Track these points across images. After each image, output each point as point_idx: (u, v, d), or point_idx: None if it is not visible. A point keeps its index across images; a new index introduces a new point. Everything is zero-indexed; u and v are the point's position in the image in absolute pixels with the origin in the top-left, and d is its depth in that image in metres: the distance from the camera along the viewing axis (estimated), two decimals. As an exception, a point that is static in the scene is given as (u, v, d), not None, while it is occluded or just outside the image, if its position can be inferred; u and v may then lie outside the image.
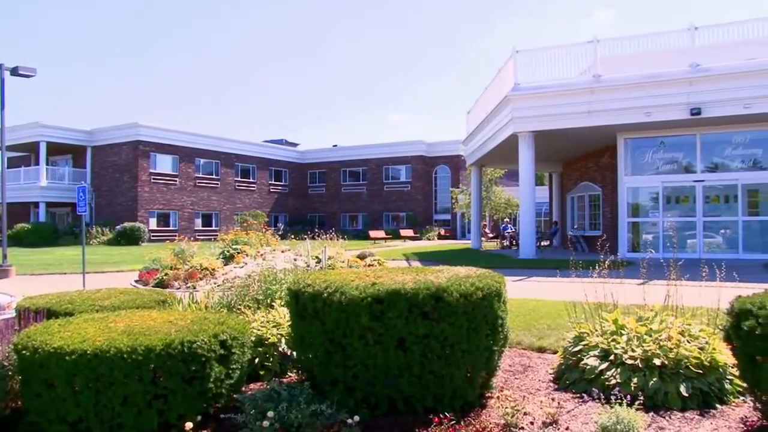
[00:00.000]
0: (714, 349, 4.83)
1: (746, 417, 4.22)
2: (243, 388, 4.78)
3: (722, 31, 19.12)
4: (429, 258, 22.33)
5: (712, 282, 5.55)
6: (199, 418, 4.10)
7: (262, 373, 5.36)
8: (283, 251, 14.03)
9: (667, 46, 19.56)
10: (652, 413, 4.32)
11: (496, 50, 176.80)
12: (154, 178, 44.19)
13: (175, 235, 28.35)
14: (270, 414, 3.92)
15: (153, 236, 41.79)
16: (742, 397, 4.58)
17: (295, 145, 65.23)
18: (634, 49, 20.14)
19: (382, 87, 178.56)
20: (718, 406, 4.49)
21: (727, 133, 19.66)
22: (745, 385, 4.25)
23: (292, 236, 32.01)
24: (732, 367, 4.63)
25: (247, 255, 15.53)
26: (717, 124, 19.14)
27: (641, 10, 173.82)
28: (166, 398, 3.95)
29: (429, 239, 47.32)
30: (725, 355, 4.70)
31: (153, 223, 44.06)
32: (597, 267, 6.01)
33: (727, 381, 4.68)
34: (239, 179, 52.19)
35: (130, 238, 39.21)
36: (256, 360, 5.33)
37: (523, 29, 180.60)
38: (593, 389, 4.64)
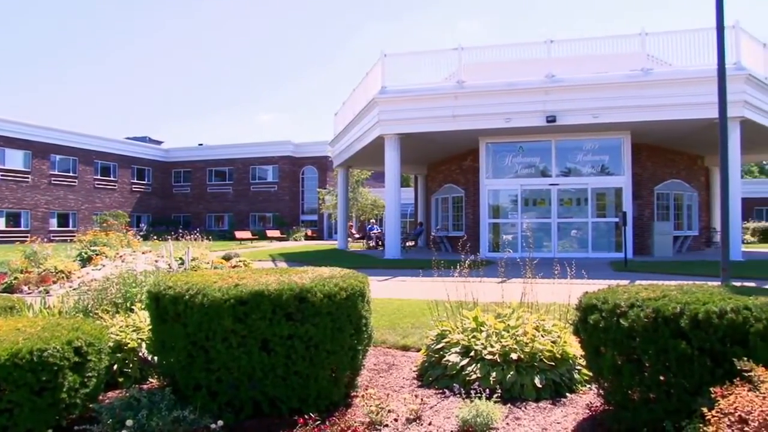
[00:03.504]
0: (565, 342, 5.14)
1: (591, 403, 4.52)
2: (100, 397, 4.56)
3: (576, 45, 20.41)
4: (295, 259, 22.18)
5: (564, 279, 5.92)
6: (50, 431, 3.87)
7: (121, 380, 5.13)
8: (144, 252, 13.49)
9: (527, 56, 20.58)
10: (509, 405, 4.53)
11: (366, 53, 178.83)
12: (2, 175, 41.16)
13: (27, 236, 26.84)
14: (129, 423, 3.76)
15: (1, 237, 39.00)
16: (588, 386, 4.91)
17: (159, 143, 62.90)
18: (497, 58, 21.01)
19: (250, 86, 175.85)
20: (568, 394, 4.78)
21: (579, 140, 21.03)
22: (590, 374, 4.56)
23: (155, 237, 30.80)
24: (580, 359, 4.94)
25: (106, 257, 14.83)
26: (570, 131, 20.38)
27: (508, 22, 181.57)
28: (11, 412, 3.67)
29: (296, 240, 47.14)
30: (574, 348, 5.00)
31: (2, 223, 41.06)
32: (459, 266, 6.23)
33: (576, 371, 5.00)
34: (99, 177, 49.71)
35: (-26, 240, 36.30)
36: (115, 366, 5.09)
37: (392, 33, 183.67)
38: (455, 385, 4.79)
